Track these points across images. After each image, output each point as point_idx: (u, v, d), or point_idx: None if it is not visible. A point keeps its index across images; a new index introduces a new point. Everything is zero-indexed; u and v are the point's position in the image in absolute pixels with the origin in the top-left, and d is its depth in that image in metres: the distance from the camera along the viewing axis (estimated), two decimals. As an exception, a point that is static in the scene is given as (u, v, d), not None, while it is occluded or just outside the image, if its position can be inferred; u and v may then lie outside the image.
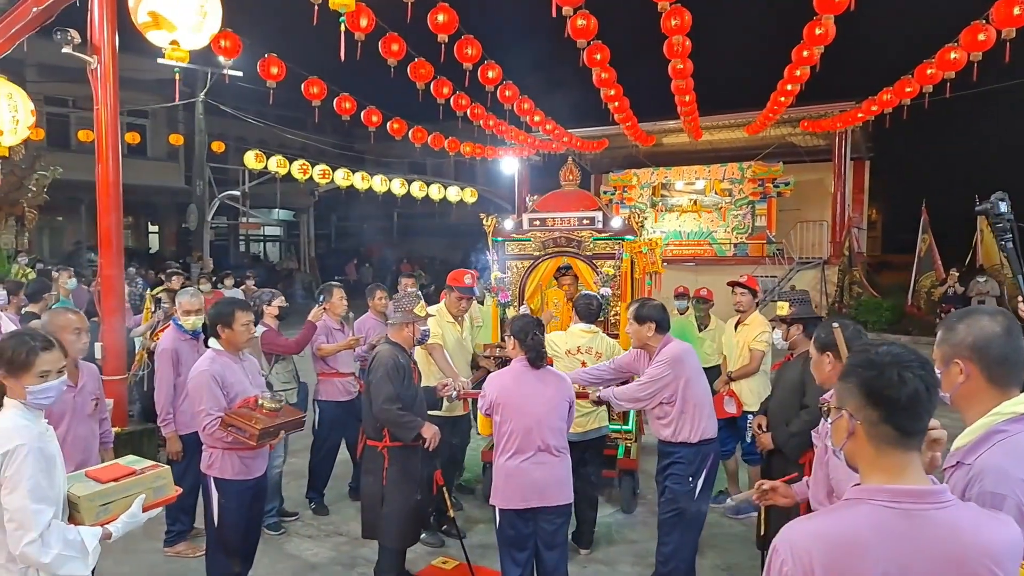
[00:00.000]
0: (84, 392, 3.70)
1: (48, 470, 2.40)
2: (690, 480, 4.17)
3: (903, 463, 1.47)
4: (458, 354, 5.37)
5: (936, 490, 1.45)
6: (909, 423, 1.47)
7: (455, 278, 5.42)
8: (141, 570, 4.83)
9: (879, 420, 1.47)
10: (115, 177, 6.25)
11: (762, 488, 2.95)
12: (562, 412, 3.91)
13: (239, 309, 3.93)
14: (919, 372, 1.47)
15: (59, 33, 6.01)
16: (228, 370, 3.85)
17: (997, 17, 6.80)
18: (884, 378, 1.47)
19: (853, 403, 1.52)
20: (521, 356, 3.90)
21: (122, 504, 2.63)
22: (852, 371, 1.54)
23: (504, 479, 3.83)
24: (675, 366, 4.15)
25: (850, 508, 1.47)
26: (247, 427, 3.65)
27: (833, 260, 17.34)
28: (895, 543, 1.38)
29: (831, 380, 2.81)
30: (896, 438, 1.47)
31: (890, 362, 1.48)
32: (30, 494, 2.31)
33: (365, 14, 7.11)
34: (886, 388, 1.46)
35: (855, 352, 1.60)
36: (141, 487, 2.72)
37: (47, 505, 2.35)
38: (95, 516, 2.56)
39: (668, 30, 7.53)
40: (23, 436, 2.37)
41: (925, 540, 1.39)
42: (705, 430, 4.17)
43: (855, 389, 1.52)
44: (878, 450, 1.48)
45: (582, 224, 5.97)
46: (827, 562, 1.39)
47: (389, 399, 4.08)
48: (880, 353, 1.51)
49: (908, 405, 1.45)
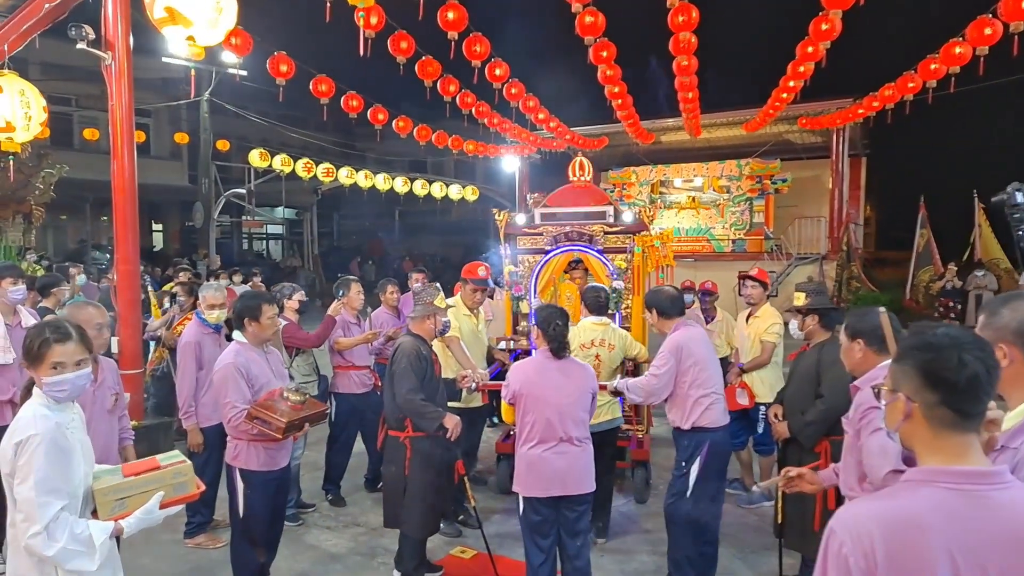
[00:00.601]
0: (103, 387, 3.67)
1: (62, 462, 2.38)
2: (683, 465, 4.20)
3: (963, 445, 1.47)
4: (474, 346, 5.45)
5: (996, 471, 1.45)
6: (969, 406, 1.46)
7: (469, 271, 5.52)
8: (161, 561, 4.87)
9: (937, 403, 1.46)
10: (130, 173, 6.31)
11: (788, 475, 3.00)
12: (584, 403, 3.95)
13: (265, 303, 3.99)
14: (978, 354, 1.46)
15: (74, 29, 6.04)
16: (253, 363, 3.91)
17: (1005, 11, 6.84)
18: (943, 360, 1.46)
19: (910, 386, 1.51)
20: (544, 347, 3.95)
21: (139, 500, 2.57)
22: (909, 353, 1.53)
23: (527, 468, 3.88)
24: (676, 353, 4.19)
25: (910, 490, 1.47)
26: (273, 420, 3.69)
27: (831, 256, 17.47)
28: (957, 524, 1.38)
29: (862, 367, 2.86)
30: (955, 420, 1.46)
31: (949, 344, 1.47)
32: (38, 485, 2.29)
33: (376, 12, 7.17)
34: (945, 370, 1.45)
35: (911, 334, 1.59)
36: (160, 483, 2.66)
37: (55, 498, 2.32)
38: (110, 511, 2.52)
39: (675, 27, 7.59)
40: (38, 427, 2.36)
41: (987, 520, 1.39)
42: (700, 418, 4.14)
43: (912, 371, 1.51)
44: (936, 433, 1.48)
45: (593, 218, 6.06)
46: (889, 544, 1.37)
47: (413, 390, 4.14)
48: (938, 335, 1.50)
49: (968, 388, 1.44)
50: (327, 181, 17.01)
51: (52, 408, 2.46)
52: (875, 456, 2.46)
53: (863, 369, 2.85)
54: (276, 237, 33.48)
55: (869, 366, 2.82)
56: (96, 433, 3.51)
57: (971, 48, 8.05)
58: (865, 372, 2.82)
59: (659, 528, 5.18)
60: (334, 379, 5.91)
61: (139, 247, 6.65)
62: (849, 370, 3.01)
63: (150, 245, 24.91)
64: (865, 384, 2.71)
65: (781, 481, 3.03)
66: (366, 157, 27.45)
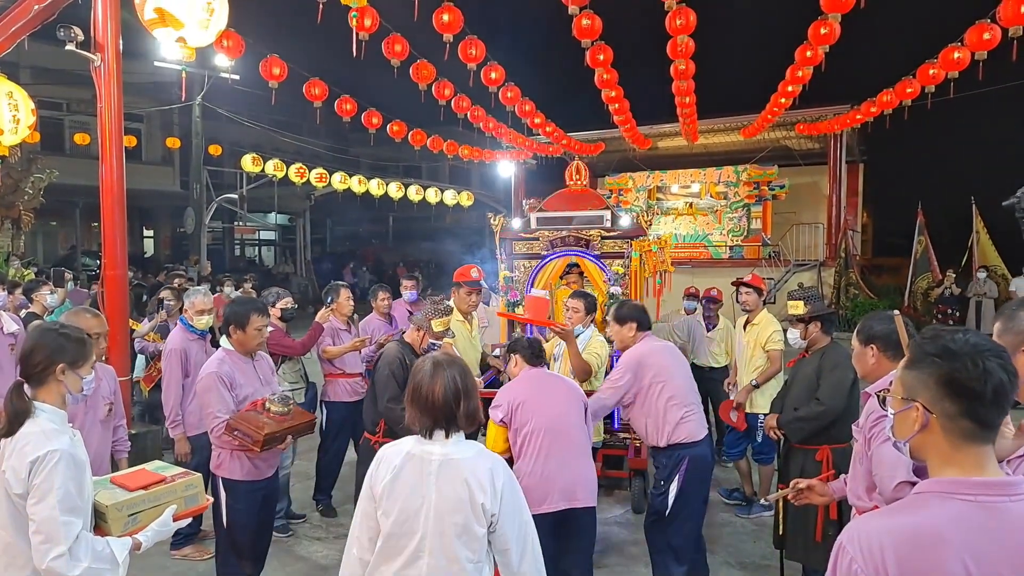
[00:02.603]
0: (97, 395, 3.57)
1: (79, 478, 2.30)
2: (662, 484, 4.06)
3: (980, 457, 1.38)
4: (468, 352, 5.33)
5: (1015, 481, 1.38)
6: (992, 417, 1.37)
7: (462, 273, 5.39)
8: (148, 573, 4.74)
9: (959, 414, 1.37)
10: (119, 176, 6.19)
11: (798, 487, 2.90)
12: (580, 410, 3.87)
13: (255, 312, 3.83)
14: (1000, 362, 1.36)
15: (62, 30, 5.94)
16: (238, 371, 3.78)
17: (1004, 15, 6.79)
18: (966, 368, 1.36)
19: (927, 395, 1.41)
20: (526, 367, 3.94)
21: (151, 514, 2.53)
22: (926, 360, 1.42)
23: (529, 482, 3.64)
24: (635, 369, 4.07)
25: (924, 502, 1.39)
26: (252, 432, 3.54)
27: (829, 262, 17.44)
28: (973, 536, 1.31)
29: (875, 373, 2.75)
30: (975, 432, 1.37)
31: (971, 351, 1.37)
32: (59, 504, 2.19)
33: (370, 14, 7.09)
34: (969, 380, 1.35)
35: (926, 339, 1.47)
36: (172, 496, 2.61)
37: (76, 517, 2.23)
38: (123, 527, 2.45)
39: (673, 30, 7.53)
40: (55, 442, 2.26)
41: (1004, 532, 1.31)
42: (674, 432, 4.00)
43: (930, 380, 1.40)
44: (954, 444, 1.39)
45: (590, 223, 5.96)
46: (902, 558, 1.30)
47: (393, 399, 4.06)
48: (957, 341, 1.40)
49: (994, 398, 1.35)
50: (320, 186, 16.92)
51: (57, 423, 2.37)
52: (886, 467, 2.37)
53: (876, 375, 2.74)
54: (269, 243, 33.31)
55: (883, 372, 2.71)
56: (87, 444, 3.37)
57: (970, 53, 8.04)
58: (878, 378, 2.71)
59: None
60: (325, 387, 5.80)
61: (127, 252, 6.52)
62: (862, 376, 2.90)
63: (142, 251, 24.75)
64: (877, 390, 2.60)
65: (791, 493, 2.92)
66: (360, 162, 27.38)
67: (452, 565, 2.19)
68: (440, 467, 2.22)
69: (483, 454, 2.32)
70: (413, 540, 2.21)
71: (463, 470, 2.22)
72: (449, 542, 2.19)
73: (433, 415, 2.25)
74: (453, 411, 2.25)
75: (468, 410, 2.28)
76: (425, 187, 19.81)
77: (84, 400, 3.33)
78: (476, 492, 2.19)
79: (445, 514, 2.20)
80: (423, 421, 2.26)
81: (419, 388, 2.27)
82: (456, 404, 2.25)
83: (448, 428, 2.26)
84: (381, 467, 2.28)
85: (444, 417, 2.25)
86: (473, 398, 2.31)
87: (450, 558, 2.19)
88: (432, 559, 2.19)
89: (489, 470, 2.25)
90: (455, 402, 2.25)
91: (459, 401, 2.25)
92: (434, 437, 2.26)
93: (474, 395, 2.32)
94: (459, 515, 2.19)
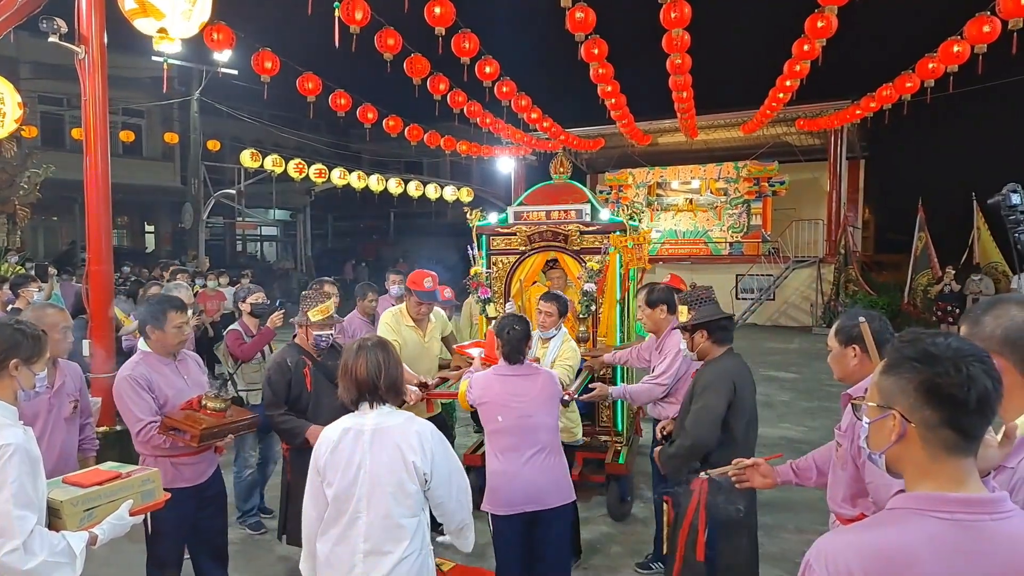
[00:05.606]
0: (61, 393, 3.41)
1: (33, 473, 2.28)
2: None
3: (961, 470, 1.29)
4: (422, 360, 5.00)
5: (995, 498, 1.28)
6: (976, 426, 1.28)
7: (415, 281, 4.96)
8: (126, 571, 4.69)
9: (940, 423, 1.27)
10: (103, 170, 6.12)
11: (741, 464, 2.77)
12: (551, 409, 3.73)
13: (172, 309, 3.60)
14: (983, 367, 1.26)
15: (45, 22, 5.87)
16: (156, 373, 3.55)
17: (1004, 8, 6.70)
18: (948, 374, 1.26)
19: (906, 402, 1.30)
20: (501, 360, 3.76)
21: (107, 509, 2.53)
22: (905, 364, 1.32)
23: (497, 483, 3.62)
24: (679, 354, 4.11)
25: (898, 519, 1.30)
26: (188, 428, 3.40)
27: (829, 259, 17.35)
28: (948, 558, 1.22)
29: (858, 374, 2.61)
30: (957, 443, 1.28)
31: (952, 355, 1.27)
32: (14, 498, 2.17)
33: (360, 7, 7.01)
34: (952, 387, 1.25)
35: (905, 342, 1.36)
36: (128, 491, 2.62)
37: (31, 511, 2.21)
38: (79, 522, 2.43)
39: (668, 23, 7.44)
40: (8, 436, 2.25)
41: (982, 554, 1.23)
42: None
43: (909, 387, 1.30)
44: (933, 456, 1.29)
45: (569, 217, 5.76)
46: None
47: (269, 404, 4.00)
48: (939, 344, 1.29)
49: (977, 406, 1.25)
50: (320, 182, 16.87)
51: (9, 419, 2.34)
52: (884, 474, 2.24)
53: (858, 377, 2.59)
54: (270, 239, 33.31)
55: (866, 374, 2.55)
56: (51, 443, 3.32)
57: (969, 46, 7.94)
58: (861, 379, 2.56)
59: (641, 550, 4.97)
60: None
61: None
62: (841, 378, 2.74)
63: (142, 247, 24.74)
64: (859, 393, 2.47)
65: (731, 470, 2.78)
66: (360, 158, 27.33)
67: (386, 520, 2.49)
68: (372, 435, 2.53)
69: (412, 420, 2.61)
70: (351, 503, 2.51)
71: (394, 435, 2.53)
72: (384, 501, 2.49)
73: (359, 388, 2.58)
74: (375, 384, 2.56)
75: (389, 383, 2.58)
76: (425, 183, 19.75)
77: (48, 397, 3.28)
78: (407, 452, 2.50)
79: (380, 476, 2.49)
80: (350, 393, 2.60)
81: (346, 365, 2.61)
82: (378, 377, 2.56)
83: (372, 400, 2.58)
84: (322, 444, 2.59)
85: (368, 390, 2.57)
86: (392, 373, 2.60)
87: (385, 515, 2.49)
88: (368, 517, 2.49)
89: (417, 433, 2.56)
90: (376, 376, 2.56)
91: (380, 375, 2.56)
92: (360, 408, 2.59)
93: (394, 371, 2.61)
94: (393, 476, 2.50)
